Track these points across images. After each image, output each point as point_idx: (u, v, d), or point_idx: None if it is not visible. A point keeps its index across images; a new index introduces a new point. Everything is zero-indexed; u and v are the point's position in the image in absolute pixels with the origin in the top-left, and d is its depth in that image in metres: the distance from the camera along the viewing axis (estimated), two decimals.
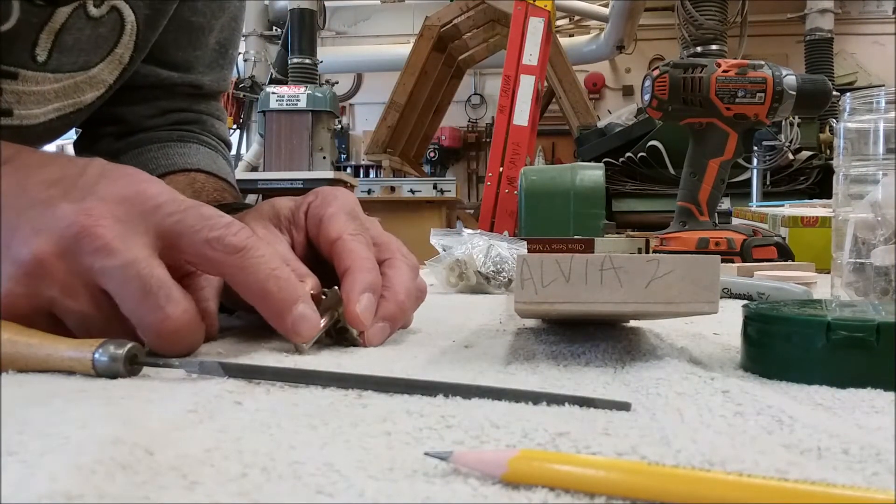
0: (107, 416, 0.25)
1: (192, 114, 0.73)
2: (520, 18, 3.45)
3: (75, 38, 0.57)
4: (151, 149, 0.68)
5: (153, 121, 0.70)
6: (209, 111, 0.75)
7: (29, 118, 0.58)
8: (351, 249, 0.44)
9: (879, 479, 0.21)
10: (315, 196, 0.49)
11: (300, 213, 0.48)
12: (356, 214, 0.48)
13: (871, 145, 0.59)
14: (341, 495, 0.19)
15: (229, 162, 0.75)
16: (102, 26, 0.58)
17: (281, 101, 3.63)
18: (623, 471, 0.20)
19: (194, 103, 0.73)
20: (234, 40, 0.73)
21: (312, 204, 0.48)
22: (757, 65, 1.10)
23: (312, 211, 0.47)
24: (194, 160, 0.68)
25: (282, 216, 0.48)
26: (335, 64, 5.88)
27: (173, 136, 0.70)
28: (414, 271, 0.48)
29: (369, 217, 0.50)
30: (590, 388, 0.33)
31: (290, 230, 0.48)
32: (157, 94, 0.69)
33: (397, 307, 0.45)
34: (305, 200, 0.48)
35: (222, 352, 0.40)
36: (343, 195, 0.49)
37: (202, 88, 0.72)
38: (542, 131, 4.77)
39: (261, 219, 0.47)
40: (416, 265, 0.49)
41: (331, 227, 0.46)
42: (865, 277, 0.58)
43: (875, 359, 0.32)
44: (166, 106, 0.70)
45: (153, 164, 0.67)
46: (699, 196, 1.12)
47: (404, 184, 4.31)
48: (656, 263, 0.35)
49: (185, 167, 0.66)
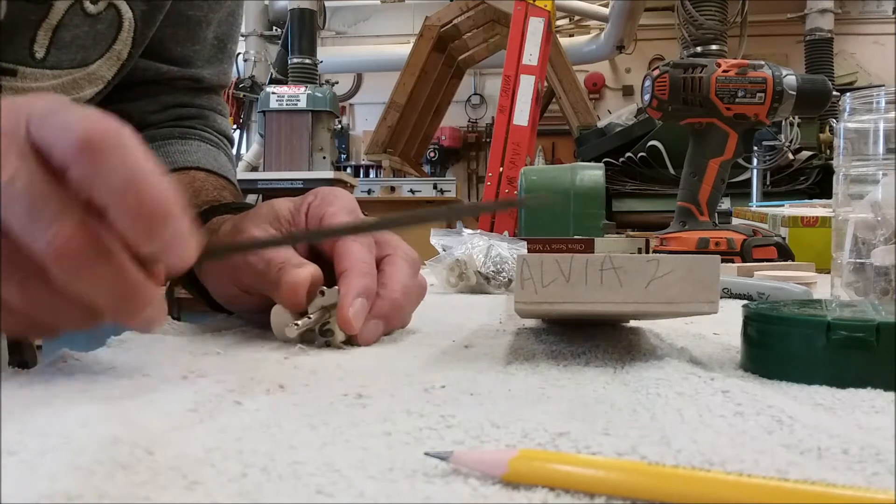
0: (107, 416, 0.25)
1: (194, 108, 0.73)
2: (520, 18, 3.45)
3: (73, 34, 0.57)
4: (153, 147, 0.68)
5: (155, 116, 0.70)
6: (210, 105, 0.75)
7: None
8: (350, 252, 0.44)
9: (879, 479, 0.21)
10: (314, 196, 0.49)
11: (301, 214, 0.48)
12: (356, 213, 0.48)
13: (871, 145, 0.59)
14: (341, 495, 0.19)
15: (230, 158, 0.75)
16: (100, 23, 0.59)
17: (281, 101, 3.63)
18: (623, 471, 0.20)
19: (195, 97, 0.73)
20: (232, 35, 0.73)
21: (312, 204, 0.48)
22: (757, 65, 1.10)
23: (313, 211, 0.47)
24: (194, 158, 0.68)
25: (282, 218, 0.48)
26: (335, 64, 5.88)
27: (174, 132, 0.70)
28: (413, 268, 0.48)
29: (368, 217, 0.50)
30: (590, 388, 0.33)
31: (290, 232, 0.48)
32: (158, 90, 0.70)
33: (391, 305, 0.45)
34: (305, 201, 0.48)
35: (221, 352, 0.40)
36: (342, 195, 0.49)
37: (202, 82, 0.72)
38: (542, 131, 4.77)
39: (260, 221, 0.47)
40: (416, 262, 0.49)
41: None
42: (865, 277, 0.58)
43: (875, 359, 0.32)
44: (168, 101, 0.71)
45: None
46: (699, 196, 1.12)
47: (404, 184, 4.32)
48: (656, 263, 0.35)
49: (186, 165, 0.66)
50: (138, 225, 0.30)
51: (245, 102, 5.15)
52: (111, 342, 0.42)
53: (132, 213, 0.30)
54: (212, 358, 0.39)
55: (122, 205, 0.29)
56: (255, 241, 0.44)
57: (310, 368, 0.36)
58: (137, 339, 0.44)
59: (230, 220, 0.51)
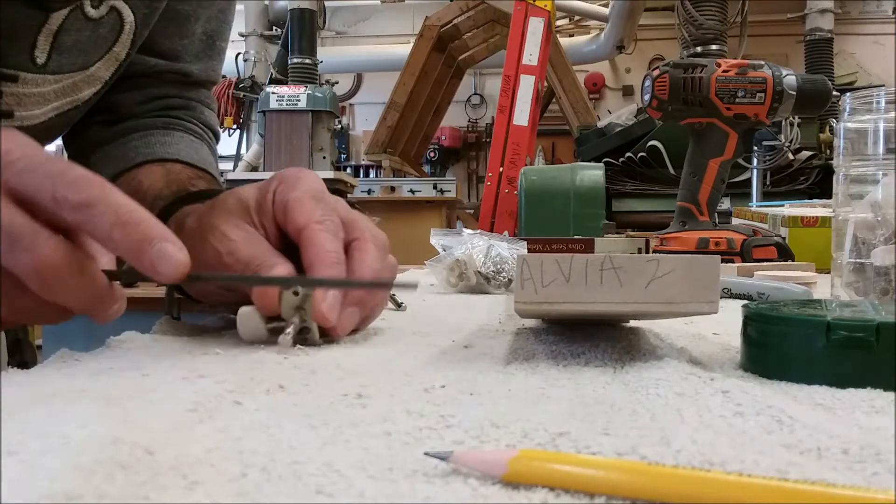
0: (107, 416, 0.25)
1: (181, 99, 0.73)
2: (520, 18, 3.44)
3: (74, 38, 0.57)
4: (134, 137, 0.68)
5: (142, 107, 0.70)
6: (199, 98, 0.74)
7: (29, 118, 0.58)
8: (316, 243, 0.44)
9: (879, 479, 0.21)
10: (279, 181, 0.48)
11: (267, 201, 0.47)
12: (321, 196, 0.47)
13: (871, 145, 0.59)
14: (341, 495, 0.19)
15: (213, 151, 0.75)
16: (102, 27, 0.58)
17: (281, 101, 3.63)
18: (623, 471, 0.20)
19: (183, 90, 0.73)
20: (221, 32, 0.73)
21: (278, 189, 0.47)
22: (757, 65, 1.10)
23: (278, 197, 0.46)
24: (174, 150, 0.67)
25: (250, 208, 0.47)
26: (335, 64, 5.88)
27: (158, 123, 0.70)
28: (382, 250, 0.47)
29: (334, 196, 0.49)
30: (590, 388, 0.33)
31: (261, 222, 0.47)
32: (146, 82, 0.69)
33: (363, 292, 0.45)
34: (270, 186, 0.47)
35: (221, 352, 0.40)
36: (307, 176, 0.48)
37: (190, 76, 0.72)
38: (542, 131, 4.77)
39: (230, 216, 0.46)
40: (384, 243, 0.48)
41: (297, 214, 0.45)
42: (865, 277, 0.58)
43: (875, 359, 0.32)
44: (155, 93, 0.70)
45: (133, 152, 0.66)
46: (699, 196, 1.12)
47: (404, 184, 4.31)
48: (656, 263, 0.35)
49: (164, 157, 0.66)
50: (127, 254, 0.37)
51: (245, 102, 5.15)
52: (111, 342, 0.42)
53: (122, 247, 0.37)
54: (212, 358, 0.39)
55: (112, 241, 0.36)
56: (241, 277, 0.44)
57: (309, 368, 0.36)
58: (137, 339, 0.44)
59: (195, 213, 0.51)
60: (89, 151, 0.69)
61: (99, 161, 0.68)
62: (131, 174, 0.64)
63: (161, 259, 0.37)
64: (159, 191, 0.59)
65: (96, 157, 0.68)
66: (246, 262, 0.44)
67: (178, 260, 0.37)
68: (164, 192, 0.59)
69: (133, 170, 0.64)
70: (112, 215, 0.36)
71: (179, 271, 0.37)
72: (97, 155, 0.68)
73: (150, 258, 0.37)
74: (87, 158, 0.69)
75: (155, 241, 0.37)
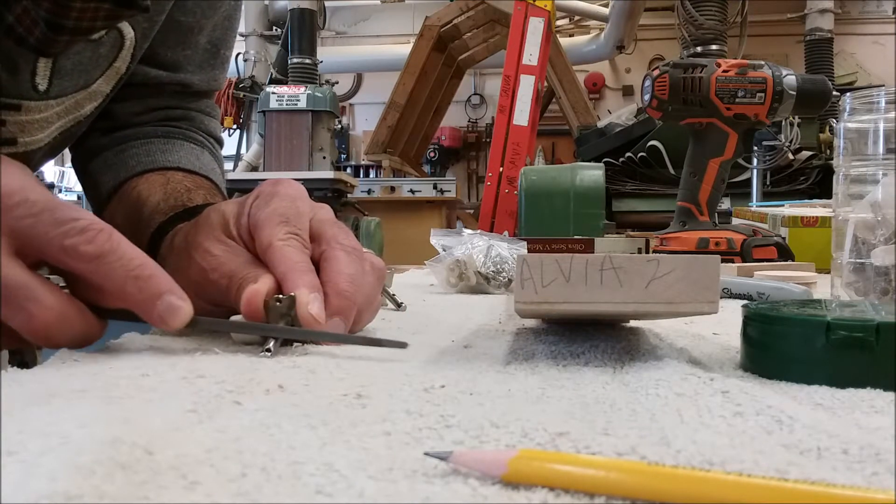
0: (107, 416, 0.25)
1: (181, 111, 0.72)
2: (520, 18, 3.45)
3: (74, 61, 0.56)
4: (134, 145, 0.68)
5: (141, 117, 0.69)
6: (199, 108, 0.74)
7: (33, 143, 0.58)
8: (282, 255, 0.44)
9: (879, 479, 0.21)
10: (256, 195, 0.48)
11: (244, 217, 0.47)
12: (289, 216, 0.46)
13: (871, 145, 0.59)
14: (341, 495, 0.19)
15: (217, 158, 0.74)
16: (102, 46, 0.58)
17: (281, 101, 3.63)
18: (623, 471, 0.20)
19: (183, 101, 0.72)
20: (227, 40, 0.73)
21: (253, 205, 0.47)
22: (757, 65, 1.10)
23: (252, 212, 0.47)
24: (174, 158, 0.67)
25: (231, 224, 0.47)
26: (335, 64, 5.88)
27: (158, 131, 0.70)
28: (355, 255, 0.46)
29: (318, 204, 0.49)
30: (589, 388, 0.33)
31: (240, 235, 0.47)
32: (146, 92, 0.69)
33: (341, 299, 0.43)
34: (247, 202, 0.48)
35: (220, 352, 0.40)
36: (284, 190, 0.48)
37: (191, 87, 0.71)
38: (542, 131, 4.77)
39: (212, 231, 0.47)
40: (355, 248, 0.47)
41: (262, 235, 0.45)
42: (865, 277, 0.58)
43: (875, 359, 0.32)
44: (154, 104, 0.70)
45: (133, 160, 0.66)
46: (699, 196, 1.12)
47: (404, 184, 4.31)
48: (656, 263, 0.35)
49: (164, 165, 0.66)
50: (137, 307, 0.39)
51: (245, 102, 5.15)
52: (111, 343, 0.42)
53: (132, 301, 0.39)
54: (211, 358, 0.39)
55: (124, 294, 0.38)
56: (240, 324, 0.43)
57: (309, 368, 0.36)
58: (137, 339, 0.44)
59: (182, 232, 0.51)
60: (88, 158, 0.69)
61: (98, 168, 0.67)
62: (131, 184, 0.64)
63: (168, 312, 0.39)
64: (156, 204, 0.60)
65: (95, 164, 0.68)
66: (229, 276, 0.44)
67: (184, 312, 0.39)
68: (162, 205, 0.59)
69: (133, 179, 0.64)
70: (123, 270, 0.38)
71: (183, 321, 0.39)
72: (96, 161, 0.68)
73: (159, 312, 0.39)
74: (86, 165, 0.69)
75: (164, 295, 0.39)
